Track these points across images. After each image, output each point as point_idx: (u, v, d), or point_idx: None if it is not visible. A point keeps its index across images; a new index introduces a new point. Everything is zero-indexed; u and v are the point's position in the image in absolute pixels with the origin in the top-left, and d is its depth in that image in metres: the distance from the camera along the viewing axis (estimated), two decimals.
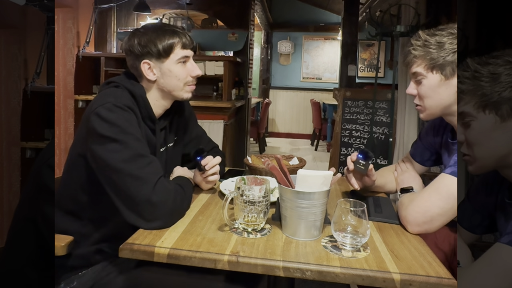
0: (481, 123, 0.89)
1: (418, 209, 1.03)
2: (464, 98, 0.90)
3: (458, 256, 0.98)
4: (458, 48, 1.10)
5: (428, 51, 1.09)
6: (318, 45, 7.46)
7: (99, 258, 1.16)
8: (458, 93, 0.92)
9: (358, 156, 1.19)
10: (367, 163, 1.18)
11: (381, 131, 3.54)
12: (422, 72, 1.11)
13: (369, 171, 1.22)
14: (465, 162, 0.96)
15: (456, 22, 2.03)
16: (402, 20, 3.14)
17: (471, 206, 1.13)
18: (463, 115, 0.91)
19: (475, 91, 0.88)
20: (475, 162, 0.93)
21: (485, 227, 1.10)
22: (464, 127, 0.92)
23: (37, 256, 1.02)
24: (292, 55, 7.54)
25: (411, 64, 1.14)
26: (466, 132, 0.92)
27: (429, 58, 1.09)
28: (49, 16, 2.62)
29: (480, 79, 0.87)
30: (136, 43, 1.16)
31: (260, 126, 5.72)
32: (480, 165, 0.93)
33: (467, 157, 0.94)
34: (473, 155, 0.92)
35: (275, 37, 7.55)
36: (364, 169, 1.18)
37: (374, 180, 1.26)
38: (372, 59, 7.21)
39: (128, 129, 1.05)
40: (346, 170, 1.25)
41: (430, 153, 1.37)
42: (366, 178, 1.25)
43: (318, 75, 7.48)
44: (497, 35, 1.87)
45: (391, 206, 1.21)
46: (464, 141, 0.93)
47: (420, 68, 1.12)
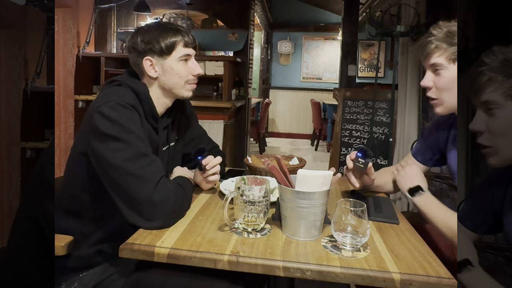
0: (508, 112, 0.86)
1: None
2: (490, 87, 0.87)
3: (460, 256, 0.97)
4: (458, 48, 1.09)
5: (450, 42, 1.07)
6: (318, 45, 7.46)
7: (100, 260, 1.16)
8: (484, 82, 0.88)
9: (357, 154, 1.19)
10: (366, 161, 1.18)
11: (381, 131, 3.54)
12: (443, 63, 1.09)
13: (368, 169, 1.21)
14: (485, 155, 0.92)
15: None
16: (402, 20, 3.14)
17: (475, 205, 1.11)
18: (487, 103, 0.88)
19: (504, 79, 0.85)
20: (498, 154, 0.90)
21: (487, 227, 1.09)
22: (488, 116, 0.89)
23: (38, 255, 1.02)
24: (292, 55, 7.54)
25: (430, 55, 1.11)
26: (489, 122, 0.89)
27: (451, 48, 1.07)
28: (49, 16, 2.62)
29: (510, 67, 0.85)
30: (139, 40, 1.17)
31: (260, 126, 5.72)
32: (504, 157, 0.89)
33: (488, 149, 0.91)
34: (496, 146, 0.89)
35: (275, 37, 7.55)
36: (363, 167, 1.18)
37: (373, 178, 1.26)
38: (372, 59, 7.21)
39: (131, 127, 1.05)
40: (345, 169, 1.25)
41: (433, 153, 1.37)
42: (365, 177, 1.24)
43: (318, 75, 7.48)
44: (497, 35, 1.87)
45: (391, 206, 1.21)
46: (484, 131, 0.90)
47: (440, 59, 1.09)
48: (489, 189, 1.06)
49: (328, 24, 7.27)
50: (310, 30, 7.40)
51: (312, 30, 7.41)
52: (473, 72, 0.90)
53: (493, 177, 1.06)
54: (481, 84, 0.88)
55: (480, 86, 0.88)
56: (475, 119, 0.92)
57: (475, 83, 0.89)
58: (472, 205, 1.11)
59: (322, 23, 7.31)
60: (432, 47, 1.10)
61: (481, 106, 0.90)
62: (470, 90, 0.92)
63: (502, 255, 1.65)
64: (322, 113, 6.51)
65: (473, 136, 1.94)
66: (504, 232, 1.01)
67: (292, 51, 7.50)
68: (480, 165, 1.97)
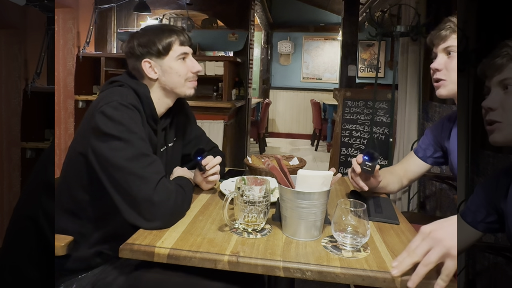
0: None
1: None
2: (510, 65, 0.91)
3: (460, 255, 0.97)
4: (458, 48, 1.11)
5: None
6: (318, 45, 7.46)
7: (99, 261, 1.15)
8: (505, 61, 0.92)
9: (364, 157, 1.17)
10: (374, 164, 1.16)
11: (381, 131, 3.54)
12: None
13: (376, 172, 1.20)
14: (491, 131, 0.95)
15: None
16: (402, 20, 3.14)
17: (478, 200, 1.11)
18: (506, 80, 0.92)
19: None
20: (506, 129, 0.93)
21: (488, 224, 1.09)
22: (504, 93, 0.93)
23: (37, 255, 1.02)
24: (292, 55, 7.54)
25: (446, 38, 1.17)
26: (505, 98, 0.92)
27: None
28: (49, 16, 2.63)
29: None
30: (136, 44, 1.18)
31: (260, 126, 5.72)
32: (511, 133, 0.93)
33: (497, 124, 0.94)
34: (508, 121, 0.92)
35: (275, 37, 7.55)
36: (371, 170, 1.16)
37: (380, 180, 1.25)
38: (372, 59, 7.21)
39: (133, 127, 1.05)
40: (352, 173, 1.21)
41: (434, 150, 1.37)
42: (372, 179, 1.23)
43: (318, 75, 7.49)
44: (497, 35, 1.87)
45: (391, 206, 1.21)
46: (496, 108, 0.93)
47: (456, 41, 1.15)
48: (494, 185, 1.06)
49: (328, 24, 7.28)
50: (310, 30, 7.41)
51: (312, 30, 7.41)
52: (494, 53, 0.95)
53: (499, 174, 1.06)
54: (502, 63, 0.93)
55: (501, 64, 0.93)
56: (490, 96, 0.96)
57: (496, 62, 0.94)
58: (475, 200, 1.11)
59: (322, 23, 7.31)
60: (449, 31, 1.17)
61: (498, 84, 0.94)
62: (489, 70, 0.96)
63: (502, 255, 1.65)
64: (322, 113, 6.51)
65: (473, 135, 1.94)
66: (507, 229, 1.01)
67: (292, 51, 7.50)
68: (480, 165, 1.97)
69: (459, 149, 1.01)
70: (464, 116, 1.93)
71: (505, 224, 1.04)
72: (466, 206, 1.12)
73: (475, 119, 1.92)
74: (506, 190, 1.02)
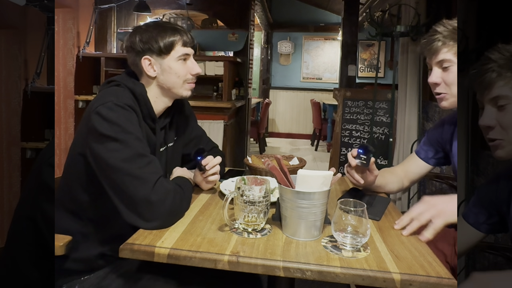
0: None
1: None
2: (500, 81, 0.90)
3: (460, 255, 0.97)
4: (458, 49, 1.10)
5: (456, 38, 1.10)
6: (318, 45, 7.47)
7: (102, 263, 1.15)
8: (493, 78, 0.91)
9: (358, 151, 1.18)
10: (368, 156, 1.16)
11: (381, 131, 3.54)
12: (451, 59, 1.12)
13: (371, 165, 1.20)
14: (493, 148, 0.95)
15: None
16: (402, 20, 3.14)
17: (480, 201, 1.11)
18: (497, 98, 0.91)
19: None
20: (508, 146, 0.92)
21: (490, 225, 1.08)
22: (499, 110, 0.92)
23: (36, 255, 1.02)
24: (292, 55, 7.54)
25: (438, 52, 1.14)
26: (501, 116, 0.91)
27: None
28: (49, 16, 2.62)
29: None
30: (137, 39, 1.17)
31: (260, 126, 5.72)
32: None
33: (498, 141, 0.93)
34: (508, 139, 0.91)
35: (275, 37, 7.55)
36: (366, 163, 1.17)
37: (376, 175, 1.24)
38: (372, 59, 7.21)
39: (129, 128, 1.04)
40: (347, 167, 1.23)
41: (436, 151, 1.37)
42: (368, 174, 1.22)
43: (318, 75, 7.49)
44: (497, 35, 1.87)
45: (384, 205, 1.20)
46: (494, 126, 0.93)
47: (449, 55, 1.12)
48: (495, 186, 1.06)
49: (328, 24, 7.28)
50: (310, 30, 7.41)
51: (312, 30, 7.41)
52: (480, 69, 0.92)
53: (500, 175, 1.06)
54: (490, 80, 0.91)
55: (490, 82, 0.91)
56: (485, 114, 0.94)
57: (484, 79, 0.92)
58: (477, 201, 1.11)
59: (322, 23, 7.31)
60: (439, 44, 1.13)
61: (491, 101, 0.92)
62: (479, 87, 0.94)
63: (502, 255, 1.65)
64: (322, 113, 6.51)
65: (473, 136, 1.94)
66: (510, 230, 1.01)
67: (292, 51, 7.50)
68: (480, 165, 1.97)
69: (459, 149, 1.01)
70: (464, 116, 1.93)
71: (507, 225, 1.03)
72: (468, 208, 1.12)
73: (475, 119, 1.92)
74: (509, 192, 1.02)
